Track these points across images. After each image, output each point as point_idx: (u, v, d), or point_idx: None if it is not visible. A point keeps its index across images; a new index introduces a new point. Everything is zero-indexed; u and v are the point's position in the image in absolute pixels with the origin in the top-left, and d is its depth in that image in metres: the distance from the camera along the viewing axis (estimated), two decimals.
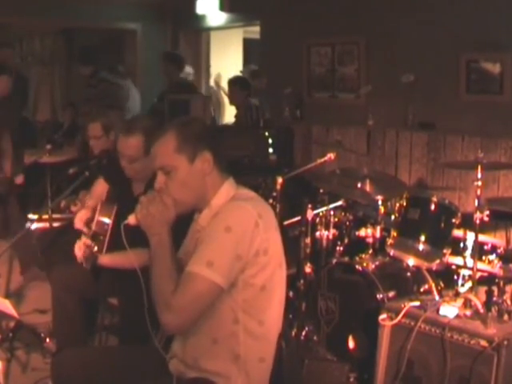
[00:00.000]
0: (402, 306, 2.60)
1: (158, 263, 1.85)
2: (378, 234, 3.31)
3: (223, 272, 1.80)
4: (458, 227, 3.00)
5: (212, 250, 1.81)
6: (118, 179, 3.03)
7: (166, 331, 1.88)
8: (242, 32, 7.59)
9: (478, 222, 2.76)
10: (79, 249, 2.92)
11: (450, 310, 2.53)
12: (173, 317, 1.81)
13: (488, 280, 2.83)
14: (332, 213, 3.48)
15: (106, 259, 2.83)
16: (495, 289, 2.68)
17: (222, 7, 6.67)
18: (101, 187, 3.37)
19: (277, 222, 1.98)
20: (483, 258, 2.94)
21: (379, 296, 2.94)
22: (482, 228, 2.83)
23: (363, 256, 3.24)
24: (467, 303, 2.57)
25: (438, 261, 2.99)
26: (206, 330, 1.90)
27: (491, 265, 2.91)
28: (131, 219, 1.90)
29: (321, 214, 3.48)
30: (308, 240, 3.41)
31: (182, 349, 1.98)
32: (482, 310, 2.53)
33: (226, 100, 7.11)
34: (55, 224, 4.47)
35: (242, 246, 1.81)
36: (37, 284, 4.26)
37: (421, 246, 3.00)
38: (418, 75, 4.61)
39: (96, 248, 2.83)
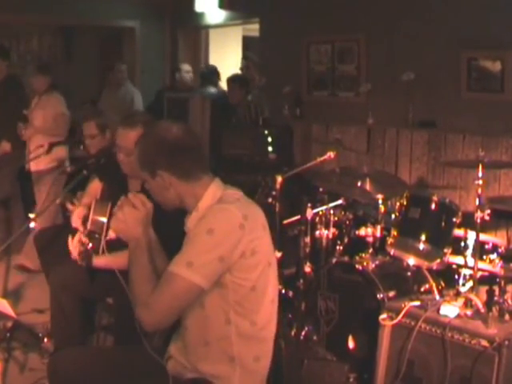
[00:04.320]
0: (403, 305, 2.59)
1: (136, 264, 1.88)
2: (378, 233, 3.30)
3: (203, 272, 1.81)
4: (459, 226, 2.99)
5: (193, 251, 1.82)
6: (114, 178, 3.01)
7: (143, 328, 1.89)
8: (241, 30, 7.56)
9: (478, 221, 2.74)
10: (74, 247, 2.89)
11: (450, 310, 2.52)
12: (149, 314, 1.83)
13: (489, 279, 2.82)
14: (332, 212, 3.47)
15: (100, 261, 2.81)
16: (496, 288, 2.66)
17: (221, 5, 6.66)
18: (96, 186, 3.36)
19: (265, 221, 1.98)
20: (484, 257, 2.93)
21: (379, 296, 2.92)
22: (483, 227, 2.81)
23: (363, 255, 3.22)
24: (468, 303, 2.56)
25: (438, 260, 2.98)
26: (198, 332, 1.91)
27: (492, 264, 2.90)
28: (111, 233, 1.91)
29: (320, 212, 3.46)
30: (308, 239, 3.39)
31: (178, 350, 1.98)
32: (482, 310, 2.51)
33: None
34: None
35: (224, 248, 1.82)
36: (34, 284, 4.25)
37: (421, 246, 2.98)
38: (418, 73, 4.59)
39: (91, 245, 2.80)
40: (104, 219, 2.90)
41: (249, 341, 1.91)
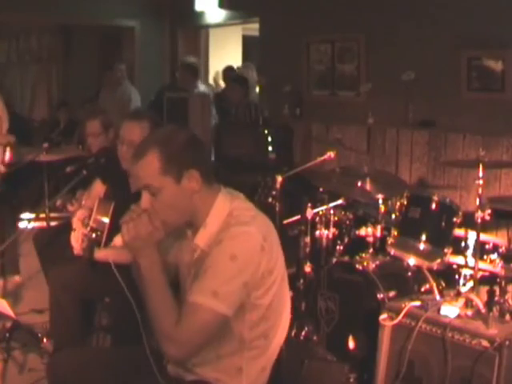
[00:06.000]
0: (403, 305, 2.58)
1: (154, 288, 1.79)
2: (378, 233, 3.29)
3: (228, 301, 1.76)
4: (459, 226, 2.98)
5: (217, 280, 1.75)
6: (116, 178, 3.01)
7: (169, 360, 1.85)
8: (240, 29, 7.56)
9: (479, 220, 2.74)
10: (76, 240, 2.89)
11: (451, 310, 2.50)
12: (177, 349, 1.77)
13: (489, 280, 2.82)
14: (332, 212, 3.46)
15: (101, 253, 2.79)
16: (497, 288, 2.66)
17: (221, 4, 6.66)
18: (99, 188, 3.35)
19: (277, 234, 1.92)
20: (485, 257, 2.92)
21: (379, 296, 2.91)
22: (484, 227, 2.81)
23: (363, 255, 3.21)
24: (468, 303, 2.55)
25: (439, 260, 2.97)
26: (211, 346, 1.87)
27: (493, 264, 2.89)
28: (117, 241, 1.82)
29: (321, 212, 3.45)
30: (308, 239, 3.39)
31: None
32: (483, 310, 2.50)
33: None
34: (52, 223, 4.45)
35: (247, 273, 1.77)
36: (34, 284, 4.24)
37: (422, 246, 2.97)
38: (418, 73, 4.59)
39: (94, 235, 2.81)
40: (106, 219, 2.91)
41: (259, 354, 1.89)
